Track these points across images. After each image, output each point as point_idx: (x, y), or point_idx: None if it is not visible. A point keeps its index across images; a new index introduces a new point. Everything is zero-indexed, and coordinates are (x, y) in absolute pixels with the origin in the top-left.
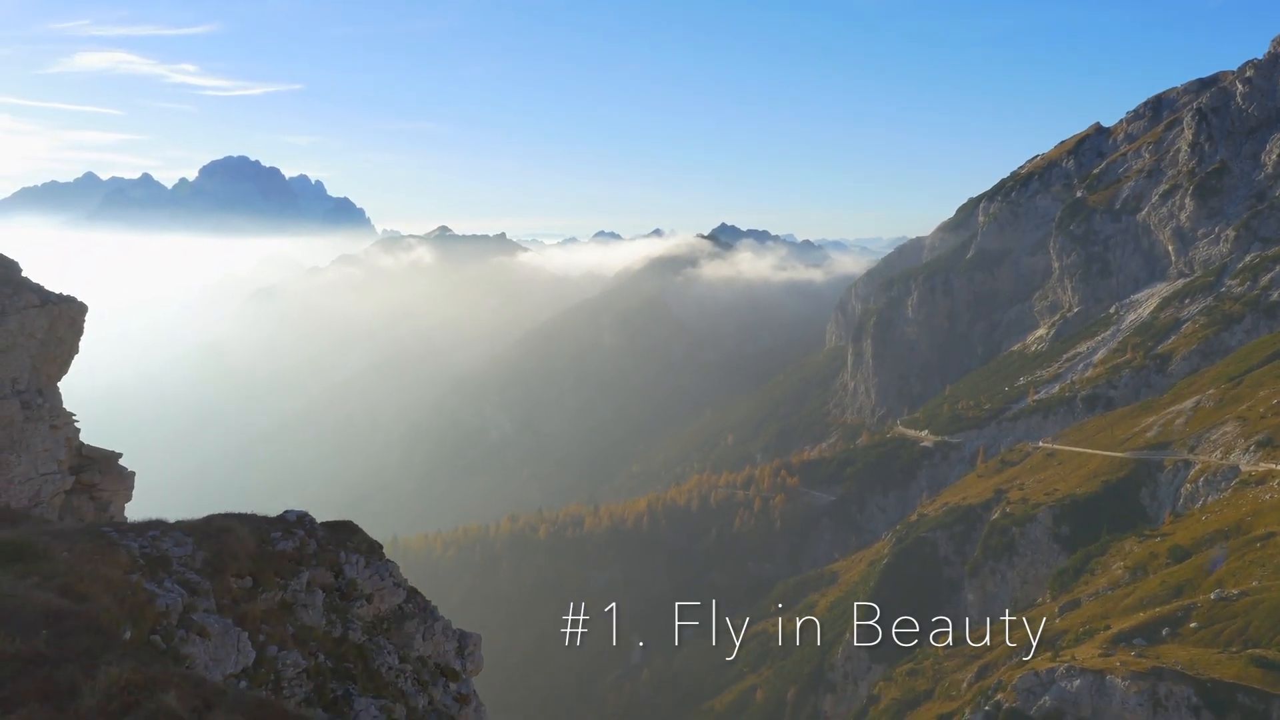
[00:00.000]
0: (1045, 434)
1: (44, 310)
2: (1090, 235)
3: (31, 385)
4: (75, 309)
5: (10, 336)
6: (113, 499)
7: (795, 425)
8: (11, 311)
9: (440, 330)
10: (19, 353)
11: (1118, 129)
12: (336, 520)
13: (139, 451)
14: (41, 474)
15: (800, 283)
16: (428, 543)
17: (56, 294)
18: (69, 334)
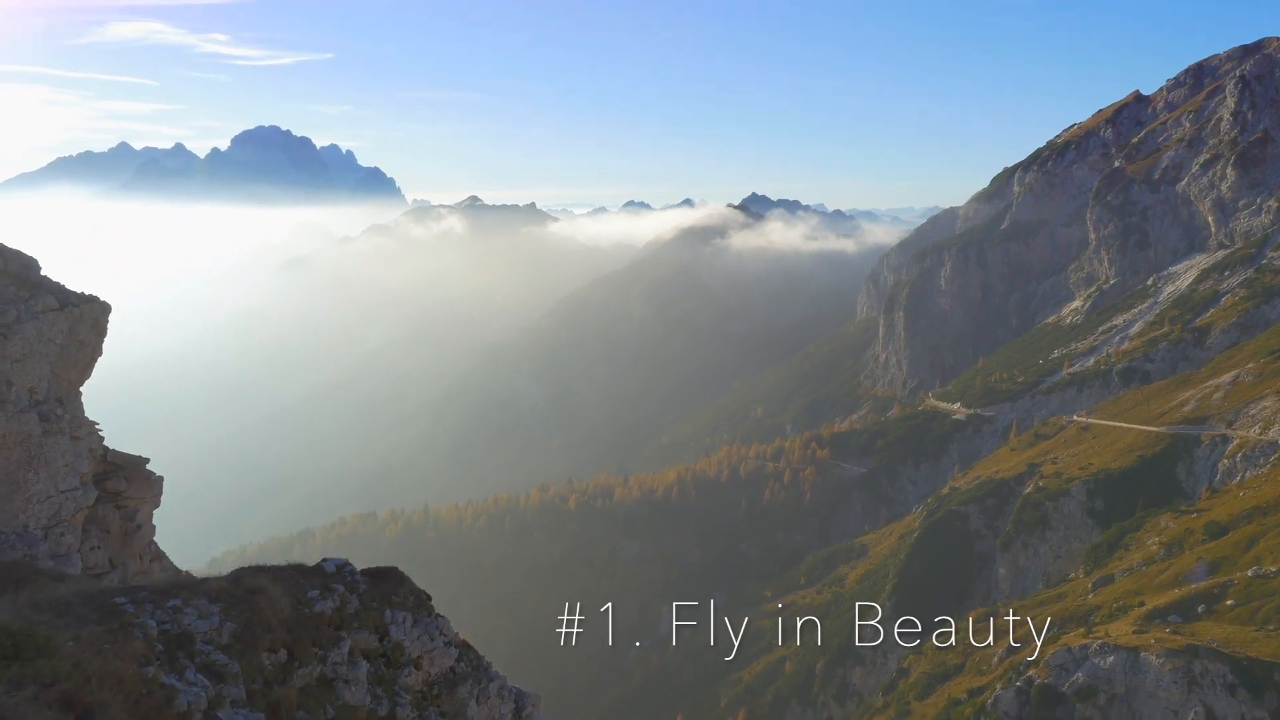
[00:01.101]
0: (1080, 407)
1: (64, 314)
2: (1128, 206)
3: (51, 394)
4: (98, 309)
5: (27, 344)
6: (140, 506)
7: (826, 397)
8: (28, 317)
9: (470, 300)
10: (37, 360)
11: (1157, 97)
12: (380, 568)
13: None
14: (61, 491)
15: (831, 253)
16: (458, 513)
17: (78, 294)
18: (91, 337)
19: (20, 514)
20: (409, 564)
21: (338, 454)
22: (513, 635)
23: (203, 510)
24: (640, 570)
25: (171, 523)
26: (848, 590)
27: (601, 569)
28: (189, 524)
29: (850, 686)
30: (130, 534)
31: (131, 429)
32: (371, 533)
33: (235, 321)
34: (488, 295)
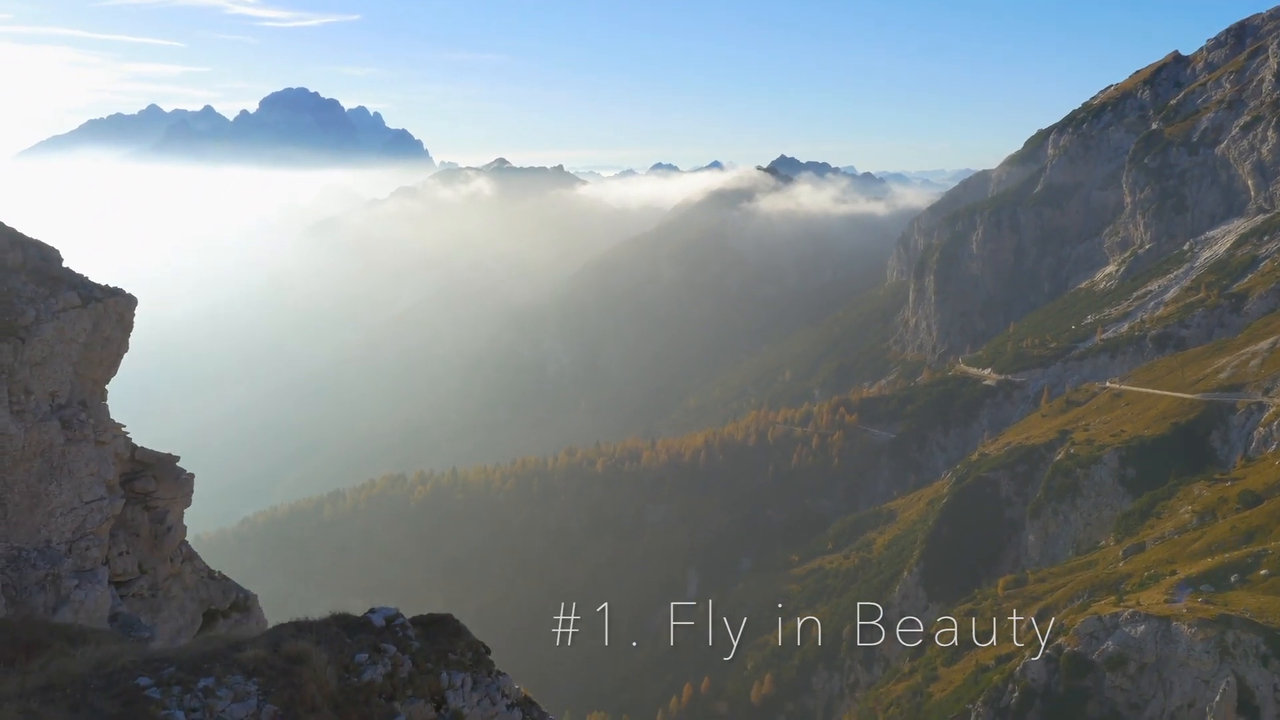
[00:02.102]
0: (1113, 374)
1: (86, 310)
2: (1165, 169)
3: (74, 397)
4: (123, 303)
5: (47, 347)
6: (170, 506)
7: (854, 361)
8: (48, 317)
9: (498, 263)
10: (58, 362)
11: (1197, 58)
12: (433, 617)
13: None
14: (86, 502)
15: (861, 216)
16: (486, 475)
17: (101, 287)
18: (116, 332)
19: (42, 528)
20: (438, 526)
21: (366, 416)
22: (542, 597)
23: (234, 471)
24: (667, 534)
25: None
26: (875, 556)
27: (628, 532)
28: (221, 485)
29: (877, 651)
30: (160, 536)
31: (161, 393)
32: (400, 494)
33: (264, 284)
34: (515, 258)
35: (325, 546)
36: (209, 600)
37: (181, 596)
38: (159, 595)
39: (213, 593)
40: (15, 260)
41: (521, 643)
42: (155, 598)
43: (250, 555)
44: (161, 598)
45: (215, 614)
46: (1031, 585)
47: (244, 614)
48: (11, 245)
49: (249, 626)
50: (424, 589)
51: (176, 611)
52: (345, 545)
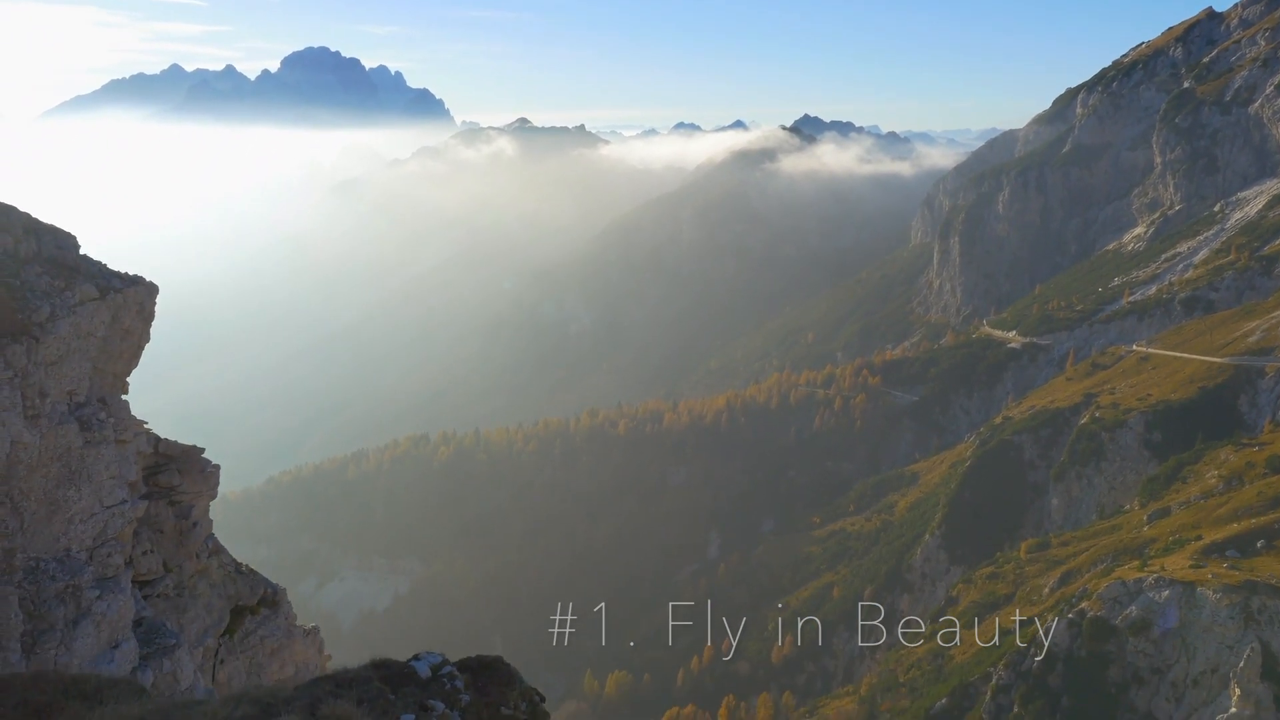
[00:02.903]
0: (1140, 337)
1: (105, 303)
2: (1197, 128)
3: (92, 394)
4: (143, 292)
5: (63, 345)
6: (195, 501)
7: (877, 323)
8: (64, 313)
9: (520, 223)
10: (75, 359)
11: (1231, 14)
12: (482, 661)
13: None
14: (107, 507)
15: (885, 176)
16: (509, 436)
17: (120, 275)
18: (137, 324)
19: (61, 537)
20: (460, 486)
21: (389, 377)
22: (564, 557)
23: (259, 431)
24: (688, 496)
25: (229, 443)
26: (897, 518)
27: (650, 494)
28: (246, 444)
29: (898, 613)
30: (185, 533)
31: (184, 353)
32: (424, 455)
33: (286, 245)
34: (537, 218)
35: (350, 506)
36: (236, 596)
37: (208, 593)
38: (185, 594)
39: (240, 588)
40: (29, 250)
41: (543, 602)
42: (181, 597)
43: (276, 514)
44: (188, 596)
45: (243, 610)
46: (1054, 549)
47: (272, 609)
48: (26, 233)
49: (277, 622)
50: (447, 549)
51: (203, 610)
52: (369, 505)
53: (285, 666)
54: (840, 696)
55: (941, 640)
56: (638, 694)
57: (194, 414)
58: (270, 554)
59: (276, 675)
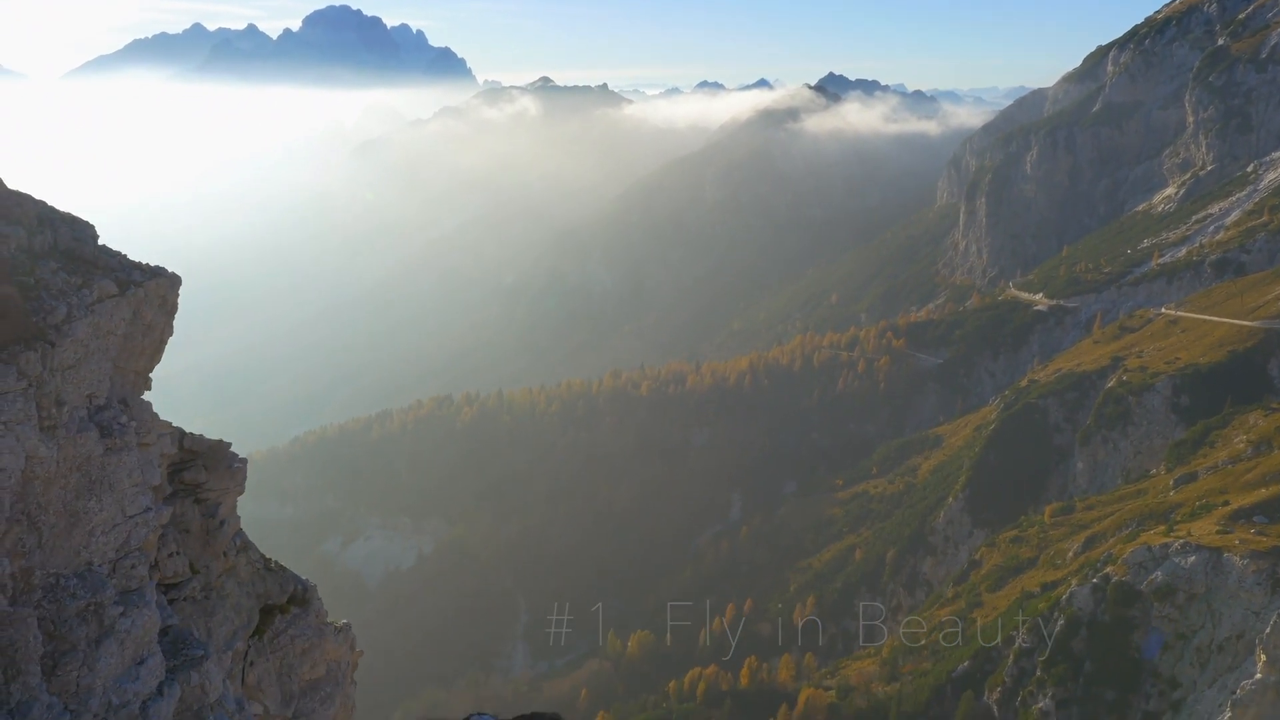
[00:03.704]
0: (1169, 300)
1: (125, 299)
2: (1231, 87)
3: (113, 396)
4: (166, 284)
5: (81, 347)
6: (222, 499)
7: (902, 285)
8: (81, 313)
9: (542, 184)
10: (95, 361)
11: None
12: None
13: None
14: (130, 516)
15: (911, 135)
16: (532, 398)
17: (141, 267)
18: (159, 318)
19: (82, 550)
20: (484, 448)
21: (412, 338)
22: (586, 518)
23: (283, 392)
24: (711, 457)
25: (253, 403)
26: (920, 481)
27: (672, 456)
28: (270, 404)
29: (920, 576)
30: (212, 532)
31: (208, 314)
32: (447, 416)
33: (309, 205)
34: (560, 179)
35: (374, 466)
36: (266, 594)
37: (236, 593)
38: (213, 596)
39: (270, 586)
40: (44, 244)
41: (565, 564)
42: (209, 599)
43: (301, 474)
44: (215, 598)
45: (273, 609)
46: (1079, 513)
47: (302, 608)
48: (40, 225)
49: (308, 621)
50: (470, 509)
51: (232, 612)
52: (393, 465)
53: (317, 667)
54: (861, 658)
55: (965, 605)
56: (659, 653)
57: (218, 375)
58: (295, 513)
59: (308, 676)
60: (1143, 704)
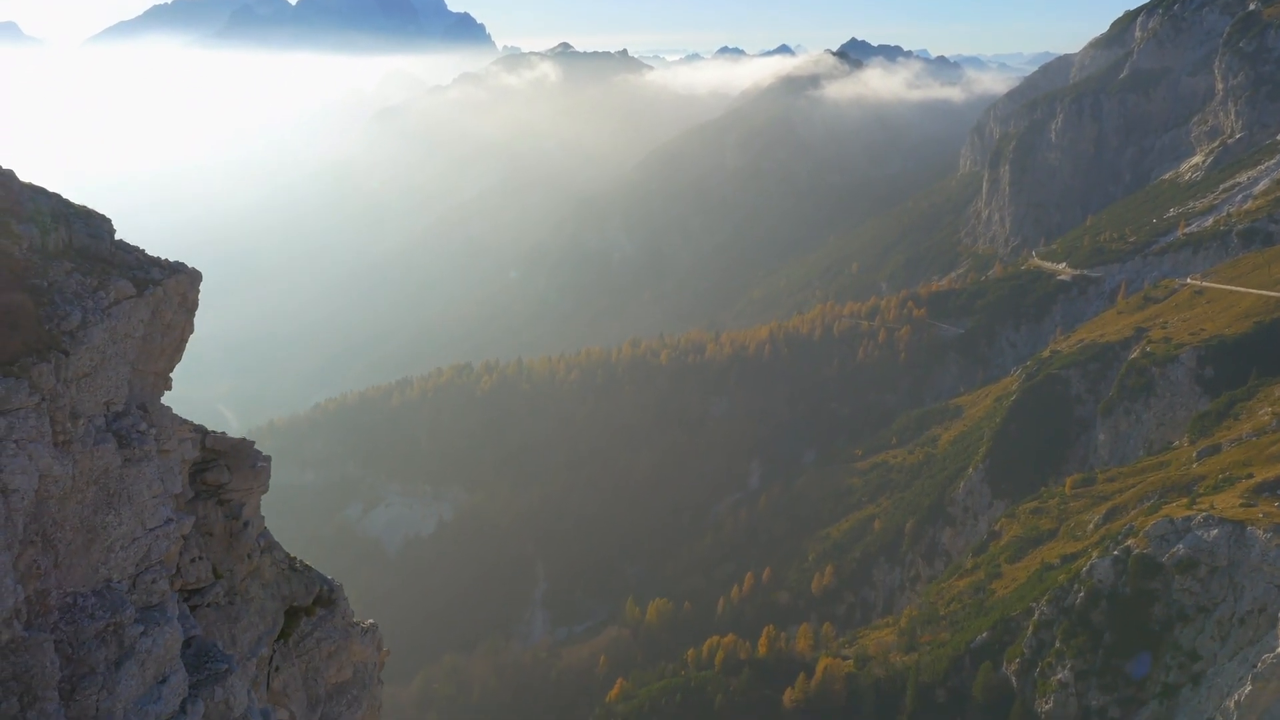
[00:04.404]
0: (1194, 270)
1: (143, 300)
2: (1262, 53)
3: (132, 401)
4: (185, 281)
5: (96, 354)
6: (246, 498)
7: (923, 254)
8: (96, 318)
9: (562, 151)
10: (111, 367)
11: None
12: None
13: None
14: (150, 529)
15: (934, 102)
16: (551, 366)
17: (160, 264)
18: (179, 316)
19: (101, 567)
20: (503, 416)
21: (431, 306)
22: (605, 487)
23: (303, 359)
24: (730, 427)
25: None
26: (940, 451)
27: (691, 425)
28: (291, 371)
29: (939, 546)
30: (236, 534)
31: (228, 281)
32: (466, 384)
33: (328, 173)
34: (579, 145)
35: (394, 433)
36: (291, 596)
37: (261, 596)
38: (237, 601)
39: (295, 587)
40: (58, 243)
41: (584, 532)
42: (233, 604)
43: (322, 441)
44: (240, 603)
45: (298, 611)
46: (1100, 485)
47: (328, 608)
48: (54, 222)
49: (334, 622)
50: (490, 477)
51: (256, 616)
52: (413, 433)
53: (344, 669)
54: (880, 628)
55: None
56: (678, 621)
57: (240, 342)
58: (316, 479)
59: (334, 679)
60: (1162, 676)
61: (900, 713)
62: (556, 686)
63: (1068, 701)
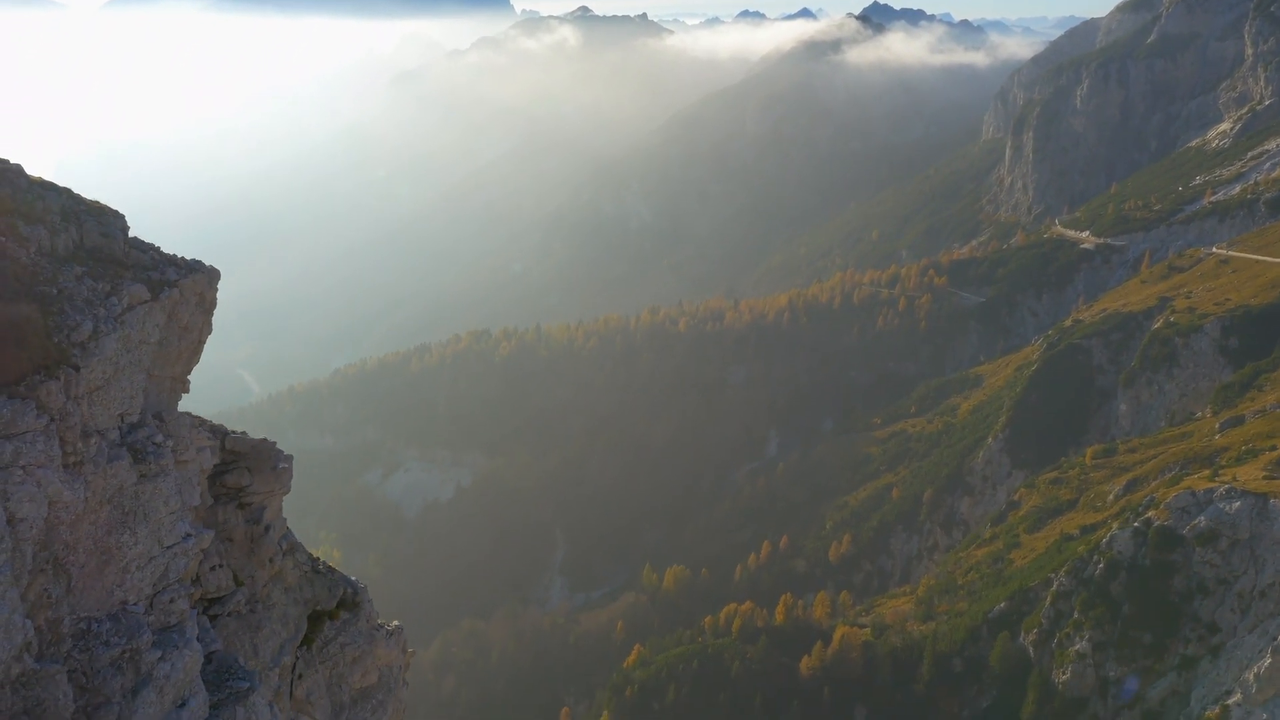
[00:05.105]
0: (1220, 239)
1: (158, 304)
2: None
3: (147, 410)
4: (203, 280)
5: (109, 367)
6: (268, 501)
7: (945, 222)
8: (109, 327)
9: (581, 116)
10: (126, 376)
11: None
12: None
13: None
14: (168, 547)
15: (957, 67)
16: (569, 333)
17: (176, 262)
18: (197, 318)
19: (116, 589)
20: (521, 382)
21: (449, 271)
22: (624, 454)
23: (321, 324)
24: (748, 394)
25: (292, 335)
26: (959, 421)
27: (709, 392)
28: (310, 336)
29: (958, 516)
30: (257, 539)
31: (247, 246)
32: (485, 350)
33: (346, 137)
34: (598, 111)
35: (413, 399)
36: (314, 600)
37: (283, 601)
38: (259, 609)
39: (318, 590)
40: (68, 244)
41: (603, 499)
42: (255, 613)
43: (342, 406)
44: (261, 610)
45: (321, 616)
46: (1121, 456)
47: (352, 612)
48: (64, 221)
49: (358, 626)
50: (509, 443)
51: (279, 624)
52: (432, 398)
53: (368, 674)
54: (897, 597)
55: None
56: (695, 588)
57: (260, 307)
58: (336, 445)
59: (359, 685)
60: (1181, 648)
61: (917, 682)
62: (574, 652)
63: (1085, 672)
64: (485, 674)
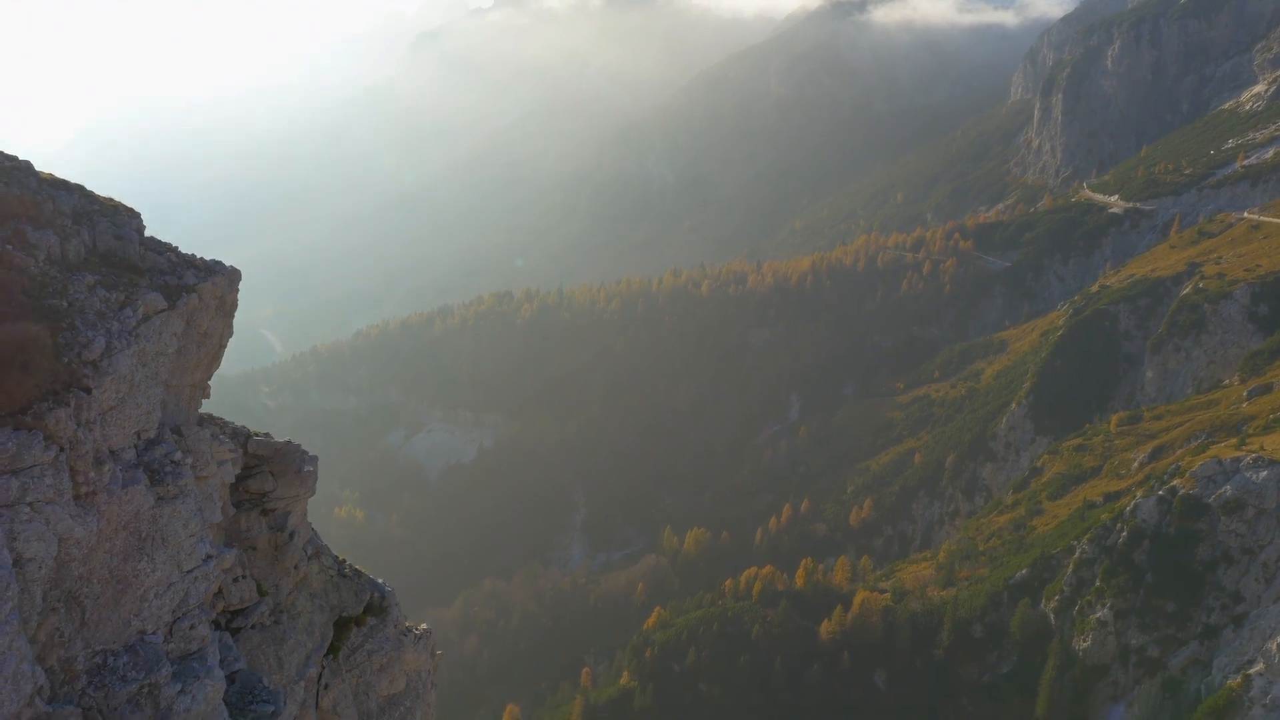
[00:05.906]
0: (1252, 204)
1: (175, 312)
2: None
3: (165, 424)
4: (223, 283)
5: (123, 385)
6: (292, 506)
7: (971, 184)
8: (122, 342)
9: (603, 76)
10: (142, 393)
11: None
12: None
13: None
14: (187, 572)
15: (985, 27)
16: (591, 295)
17: (195, 264)
18: (216, 323)
19: (133, 619)
20: (543, 344)
21: (471, 232)
22: (645, 416)
23: (344, 284)
24: (770, 358)
25: (315, 295)
26: (983, 386)
27: (732, 355)
28: (332, 296)
29: (980, 482)
30: (281, 546)
31: (270, 206)
32: (507, 312)
33: (368, 96)
34: (621, 71)
35: (435, 361)
36: (340, 606)
37: (309, 609)
38: (283, 619)
39: (344, 595)
40: (80, 250)
41: (624, 461)
42: (279, 624)
43: (365, 367)
44: (286, 621)
45: (348, 622)
46: (1147, 423)
47: (380, 618)
48: (76, 223)
49: (386, 632)
50: (530, 405)
51: (304, 634)
52: (454, 360)
53: (396, 681)
54: (918, 562)
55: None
56: (716, 551)
57: (283, 268)
58: (360, 405)
59: (386, 692)
60: (1204, 617)
61: (937, 647)
62: (595, 613)
63: (1106, 640)
64: (506, 634)
